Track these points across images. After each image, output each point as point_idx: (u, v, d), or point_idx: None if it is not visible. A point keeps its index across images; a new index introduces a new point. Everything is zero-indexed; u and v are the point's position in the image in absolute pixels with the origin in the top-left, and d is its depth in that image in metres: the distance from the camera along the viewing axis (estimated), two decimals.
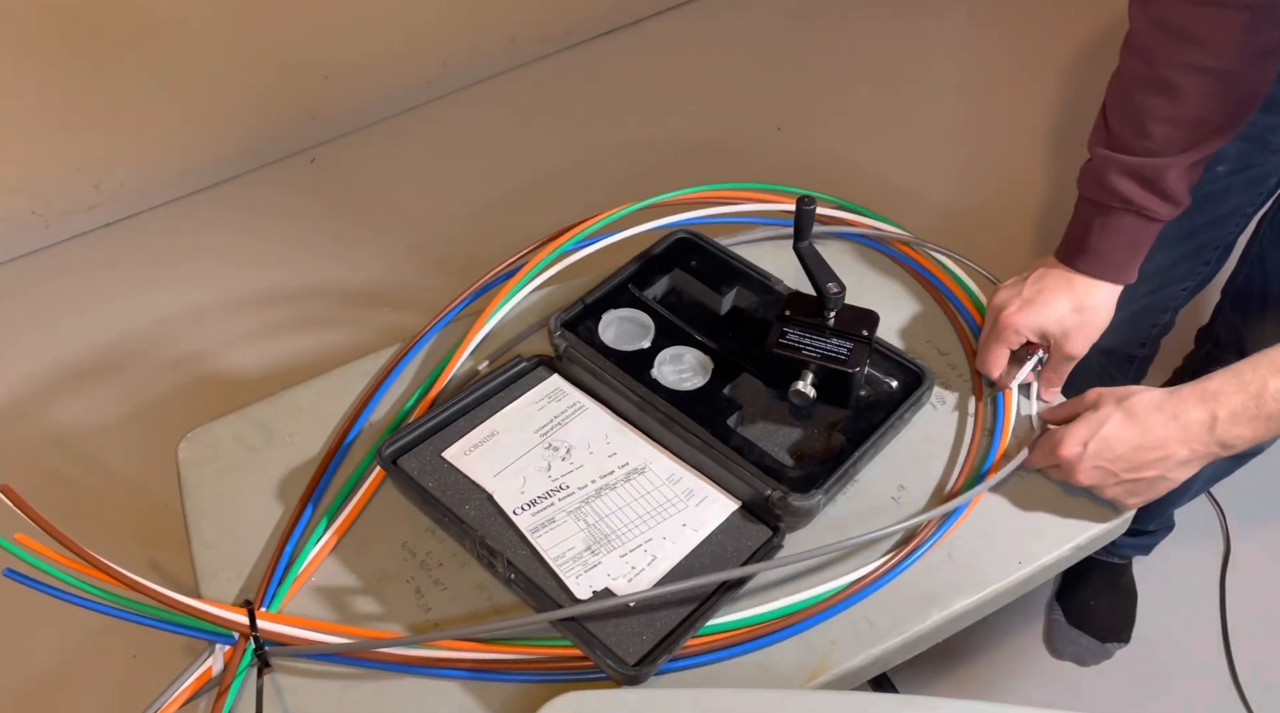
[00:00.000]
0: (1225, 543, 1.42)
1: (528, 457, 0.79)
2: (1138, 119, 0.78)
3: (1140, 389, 0.74)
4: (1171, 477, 0.73)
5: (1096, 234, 0.81)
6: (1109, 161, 0.80)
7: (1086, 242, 0.82)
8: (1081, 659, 1.33)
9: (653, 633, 0.68)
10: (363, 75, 2.07)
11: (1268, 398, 0.69)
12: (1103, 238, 0.81)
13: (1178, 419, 0.71)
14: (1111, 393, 0.75)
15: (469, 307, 0.94)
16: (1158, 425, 0.71)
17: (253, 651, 0.70)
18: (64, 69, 1.74)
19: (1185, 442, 0.71)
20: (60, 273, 1.90)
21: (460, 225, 1.92)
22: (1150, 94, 0.77)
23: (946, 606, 0.73)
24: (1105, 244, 0.81)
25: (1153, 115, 0.77)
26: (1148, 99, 0.78)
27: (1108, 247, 0.81)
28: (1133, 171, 0.79)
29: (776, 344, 0.77)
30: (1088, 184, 0.83)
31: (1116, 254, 0.82)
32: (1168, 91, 0.77)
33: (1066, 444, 0.74)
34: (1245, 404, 0.69)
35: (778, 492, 0.74)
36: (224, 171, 2.03)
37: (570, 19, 2.26)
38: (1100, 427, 0.73)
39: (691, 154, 2.03)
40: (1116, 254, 0.82)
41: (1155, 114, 0.77)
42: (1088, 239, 0.82)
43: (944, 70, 2.22)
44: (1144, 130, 0.78)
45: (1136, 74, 0.79)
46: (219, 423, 0.87)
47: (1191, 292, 1.09)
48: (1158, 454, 0.72)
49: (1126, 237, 0.81)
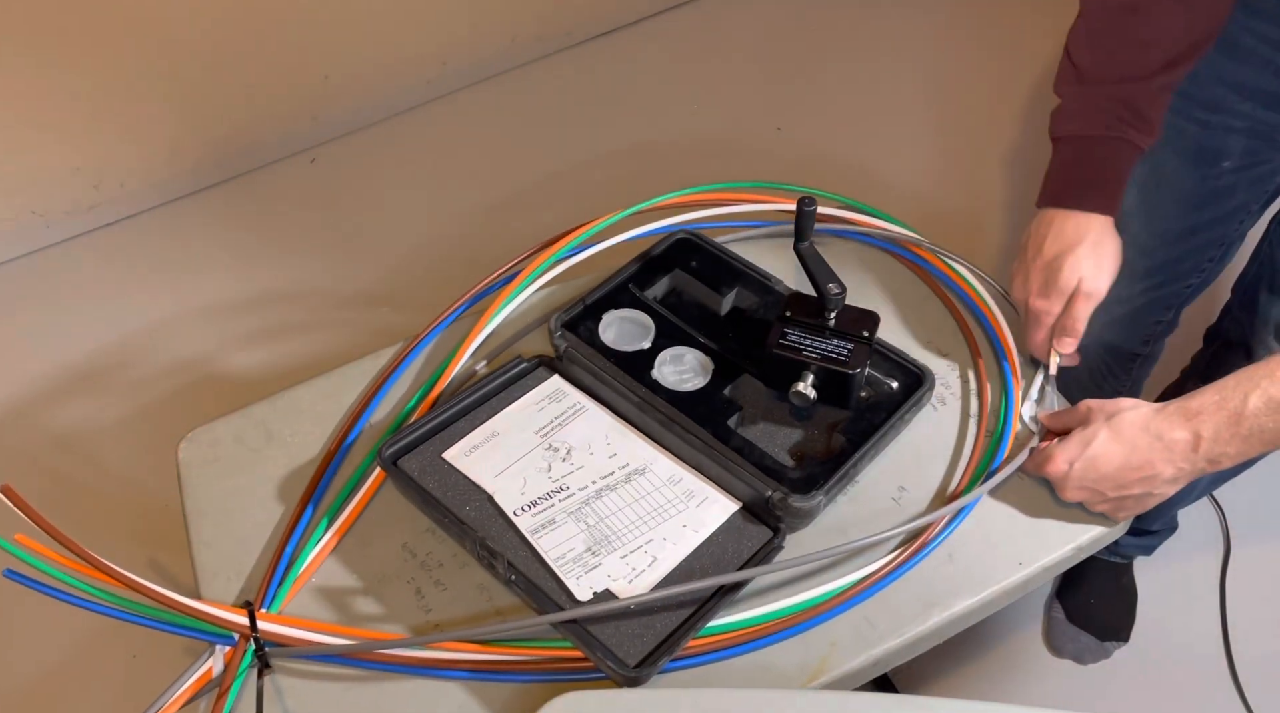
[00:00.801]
0: (1225, 543, 1.43)
1: (528, 458, 0.79)
2: (1106, 48, 0.81)
3: (1129, 405, 0.74)
4: (1159, 493, 0.74)
5: (1079, 166, 0.83)
6: (1083, 95, 0.82)
7: (1071, 176, 0.83)
8: (1080, 657, 1.33)
9: (653, 634, 0.68)
10: (363, 75, 2.07)
11: (1247, 416, 0.68)
12: (1085, 168, 0.83)
13: (1161, 439, 0.71)
14: (1100, 409, 0.75)
15: (470, 308, 0.94)
16: (1143, 445, 0.72)
17: (253, 651, 0.70)
18: (64, 69, 1.73)
19: (1170, 461, 0.71)
20: (60, 273, 1.89)
21: (460, 225, 1.92)
22: (1119, 18, 0.80)
23: (947, 607, 0.73)
24: (1089, 173, 0.83)
25: (1122, 39, 0.80)
26: (1116, 23, 0.80)
27: (1092, 174, 0.83)
28: (1110, 97, 0.81)
29: (777, 345, 0.77)
30: (1063, 122, 0.84)
31: (1099, 180, 0.83)
32: (1136, 12, 0.79)
33: (1054, 462, 0.75)
34: (1225, 422, 0.69)
35: (778, 493, 0.74)
36: (224, 171, 2.03)
37: (570, 19, 2.26)
38: (1086, 446, 0.73)
39: (691, 154, 2.03)
40: (1099, 180, 0.83)
41: (1125, 37, 0.80)
42: (1072, 173, 0.83)
43: (945, 71, 2.22)
44: (1114, 57, 0.80)
45: (1106, 4, 0.81)
46: (219, 423, 0.87)
47: (1196, 289, 1.08)
48: (1143, 474, 0.72)
49: (1107, 164, 0.83)
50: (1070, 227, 0.83)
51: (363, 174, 2.05)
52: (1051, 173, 0.85)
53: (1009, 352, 0.88)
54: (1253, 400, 0.68)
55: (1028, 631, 1.36)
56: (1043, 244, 0.83)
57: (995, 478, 0.78)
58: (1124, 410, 0.74)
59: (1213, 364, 1.16)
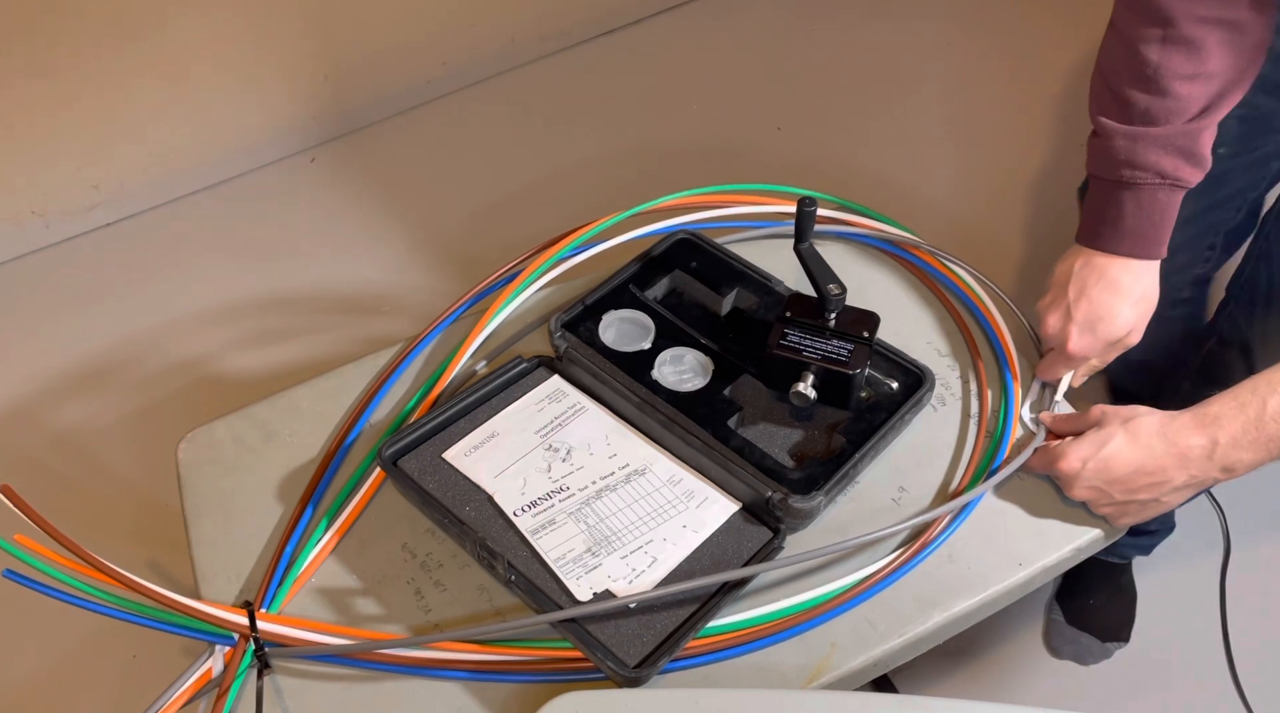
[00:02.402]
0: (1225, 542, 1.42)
1: (528, 458, 0.79)
2: (1156, 81, 0.76)
3: (1144, 411, 0.74)
4: (1166, 501, 0.73)
5: (1131, 214, 0.79)
6: (1137, 137, 0.78)
7: (1120, 223, 0.80)
8: (1081, 658, 1.33)
9: (653, 635, 0.68)
10: (363, 75, 2.07)
11: (1267, 419, 0.68)
12: (1138, 216, 0.79)
13: (1177, 445, 0.71)
14: (1116, 413, 0.75)
15: (470, 308, 0.94)
16: (1159, 451, 0.71)
17: (252, 652, 0.70)
18: (64, 69, 1.73)
19: (1184, 468, 0.71)
20: (60, 273, 1.89)
21: (461, 226, 1.92)
22: (1169, 51, 0.76)
23: (947, 607, 0.73)
24: (1142, 222, 0.79)
25: (1172, 74, 0.76)
26: (1166, 58, 0.76)
27: (1145, 224, 0.79)
28: (1166, 142, 0.77)
29: (777, 345, 0.77)
30: (1110, 164, 0.80)
31: (1154, 229, 0.80)
32: (1187, 45, 0.75)
33: (1068, 459, 0.74)
34: (1245, 427, 0.69)
35: (778, 493, 0.74)
36: (224, 171, 2.03)
37: (570, 19, 2.26)
38: (1103, 446, 0.73)
39: (691, 154, 2.03)
40: (1154, 229, 0.80)
41: (1175, 72, 0.76)
42: (1121, 221, 0.80)
43: (944, 71, 2.22)
44: (1165, 91, 0.76)
45: (1148, 37, 0.76)
46: (219, 423, 0.87)
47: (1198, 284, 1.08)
48: (1155, 479, 0.72)
49: (1160, 209, 0.79)
50: (1120, 275, 0.80)
51: (363, 174, 2.05)
52: (1099, 214, 0.81)
53: (1009, 353, 0.88)
54: (1271, 404, 0.68)
55: (1028, 632, 1.36)
56: (1087, 289, 0.81)
57: (999, 474, 0.77)
58: (1140, 415, 0.73)
59: (1208, 363, 1.16)
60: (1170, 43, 0.75)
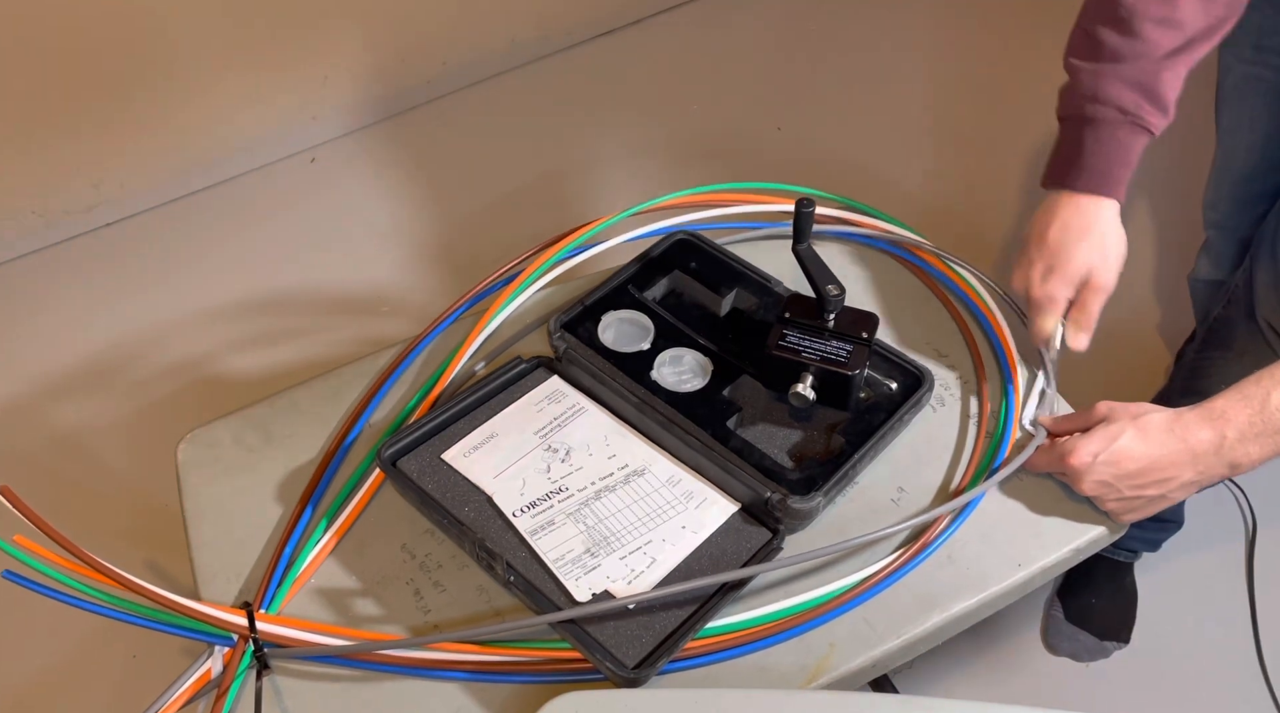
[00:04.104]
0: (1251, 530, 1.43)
1: (527, 459, 0.79)
2: (1128, 22, 0.79)
3: (1152, 408, 0.74)
4: (1171, 497, 0.74)
5: (1091, 150, 0.81)
6: (1101, 73, 0.80)
7: (1080, 159, 0.81)
8: (1077, 656, 1.33)
9: (652, 635, 0.68)
10: (363, 75, 2.07)
11: (1272, 410, 0.69)
12: (1098, 152, 0.81)
13: (1186, 441, 0.71)
14: (1125, 409, 0.75)
15: (470, 308, 0.94)
16: (1169, 447, 0.71)
17: (251, 652, 0.70)
18: (64, 69, 1.74)
19: (1193, 464, 0.71)
20: (60, 273, 1.90)
21: (461, 226, 1.92)
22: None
23: (946, 608, 0.73)
24: (1101, 158, 0.81)
25: (1144, 15, 0.78)
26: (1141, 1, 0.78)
27: (1104, 160, 0.81)
28: (1127, 78, 0.79)
29: (776, 346, 0.77)
30: (1076, 101, 0.82)
31: (1111, 167, 0.81)
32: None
33: (1078, 454, 0.74)
34: (1251, 420, 0.69)
35: (777, 494, 0.74)
36: (223, 172, 2.03)
37: (570, 19, 2.26)
38: (1113, 441, 0.73)
39: (691, 154, 2.03)
40: (1111, 167, 0.81)
41: (1147, 14, 0.78)
42: (1081, 157, 0.81)
43: (947, 71, 2.22)
44: (1135, 32, 0.79)
45: None
46: (218, 424, 0.87)
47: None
48: (1164, 475, 0.72)
49: (1121, 148, 0.81)
50: (1078, 213, 0.81)
51: (362, 175, 2.05)
52: (1060, 153, 0.83)
53: (1009, 353, 0.88)
54: (1275, 397, 0.68)
55: (1029, 631, 1.36)
56: (1047, 231, 0.82)
57: (1001, 473, 0.77)
58: (1148, 412, 0.74)
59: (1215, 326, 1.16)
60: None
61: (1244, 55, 1.06)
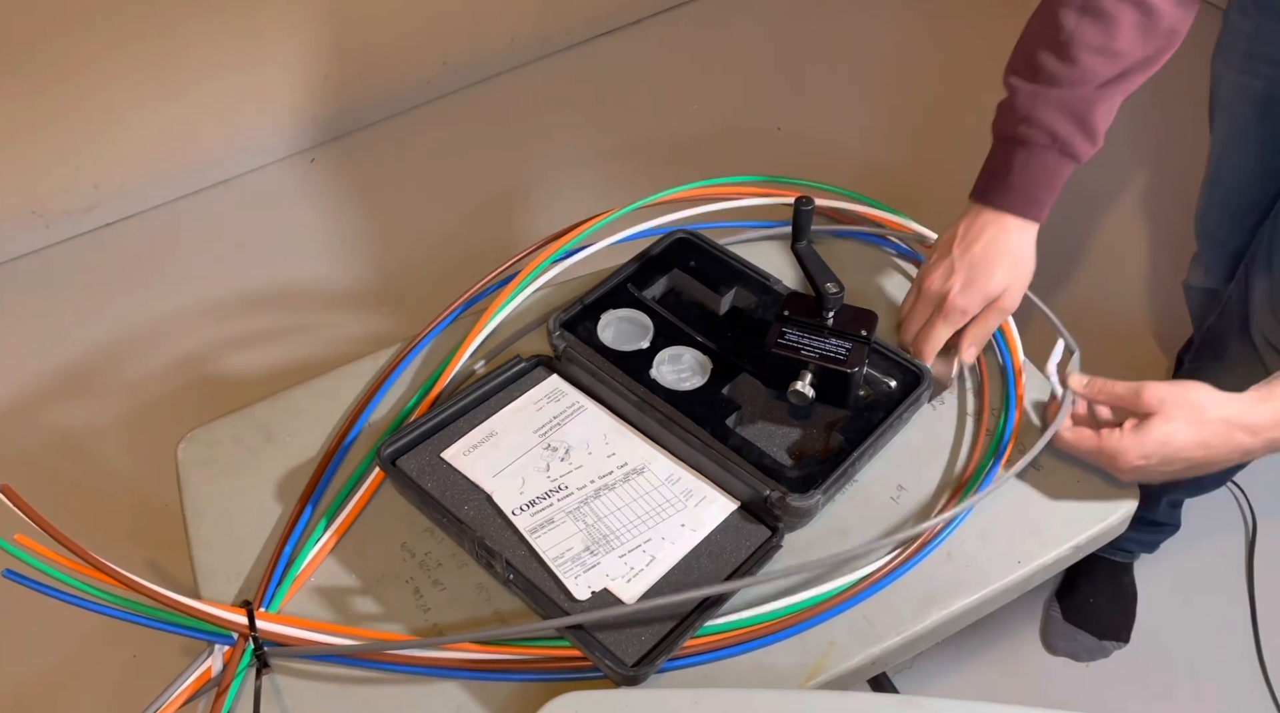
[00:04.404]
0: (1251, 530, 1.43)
1: (527, 457, 0.79)
2: (1067, 48, 0.80)
3: (1202, 391, 0.72)
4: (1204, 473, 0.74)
5: (1019, 171, 0.83)
6: (1037, 95, 0.81)
7: (1008, 178, 0.83)
8: (1076, 656, 1.33)
9: (651, 633, 0.68)
10: (363, 75, 2.07)
11: None
12: (1025, 174, 0.83)
13: (1240, 427, 0.70)
14: (1175, 400, 0.72)
15: (469, 308, 0.94)
16: (1221, 437, 0.70)
17: (251, 651, 0.70)
18: (63, 68, 1.74)
19: (1244, 454, 0.71)
20: (60, 273, 1.90)
21: (460, 225, 1.92)
22: (1085, 22, 0.79)
23: (946, 605, 0.73)
24: (1028, 180, 0.83)
25: (1083, 44, 0.79)
26: (1081, 27, 0.79)
27: (1030, 183, 0.83)
28: (1062, 104, 0.80)
29: (775, 344, 0.77)
30: (1011, 120, 0.83)
31: (1038, 191, 0.83)
32: (1102, 19, 0.78)
33: (1128, 457, 0.72)
34: None
35: (776, 492, 0.74)
36: (224, 171, 2.03)
37: (570, 19, 2.26)
38: (1168, 442, 0.71)
39: (691, 155, 2.03)
40: (1038, 191, 0.83)
41: (1086, 42, 0.79)
42: (1009, 176, 0.83)
43: (948, 71, 2.22)
44: (1073, 59, 0.80)
45: (1068, 3, 0.80)
46: (218, 423, 0.87)
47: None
48: (1215, 464, 0.72)
49: (1048, 173, 0.82)
50: (1003, 233, 0.83)
51: (363, 174, 2.05)
52: (990, 169, 0.85)
53: (1012, 349, 0.87)
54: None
55: (1029, 630, 1.37)
56: (973, 245, 0.83)
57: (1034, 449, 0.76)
58: (1201, 400, 0.71)
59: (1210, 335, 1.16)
60: (1087, 13, 0.79)
61: (1234, 63, 1.06)
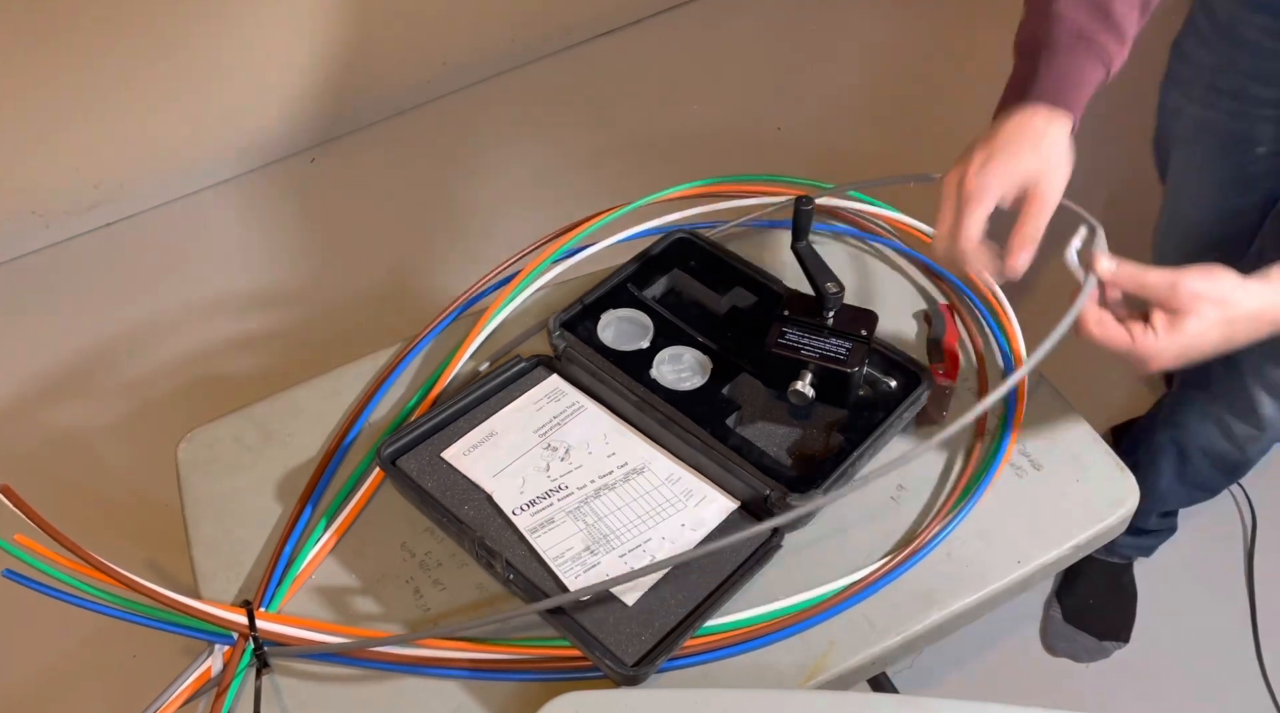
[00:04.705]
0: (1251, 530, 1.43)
1: (527, 457, 0.79)
2: None
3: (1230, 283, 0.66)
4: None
5: (1044, 70, 0.75)
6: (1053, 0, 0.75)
7: (1034, 82, 0.75)
8: (1076, 657, 1.33)
9: (651, 633, 0.68)
10: (363, 75, 2.07)
11: None
12: (1049, 71, 0.75)
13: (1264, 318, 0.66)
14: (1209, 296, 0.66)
15: (470, 308, 0.94)
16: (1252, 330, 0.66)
17: (251, 651, 0.70)
18: (63, 69, 1.74)
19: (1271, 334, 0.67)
20: (60, 273, 1.90)
21: (461, 225, 1.92)
22: None
23: (946, 605, 0.73)
24: (1055, 81, 0.75)
25: None
26: None
27: (1060, 83, 0.75)
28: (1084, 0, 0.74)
29: (775, 344, 0.77)
30: (1029, 28, 0.77)
31: (1068, 89, 0.75)
32: None
33: (1163, 360, 0.67)
34: None
35: (776, 492, 0.74)
36: (224, 171, 2.03)
37: (570, 19, 2.26)
38: (1198, 344, 0.66)
39: (691, 155, 2.03)
40: (1068, 89, 0.75)
41: None
42: (1036, 82, 0.75)
43: (949, 70, 2.22)
44: None
45: None
46: (218, 423, 0.87)
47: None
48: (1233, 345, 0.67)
49: (1075, 72, 0.75)
50: (1029, 120, 0.73)
51: (362, 174, 2.05)
52: (1012, 85, 0.77)
53: (1013, 344, 0.87)
54: None
55: (1028, 631, 1.36)
56: (996, 134, 0.74)
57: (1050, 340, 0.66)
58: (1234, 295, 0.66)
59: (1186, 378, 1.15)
60: None
61: (1195, 96, 1.02)
